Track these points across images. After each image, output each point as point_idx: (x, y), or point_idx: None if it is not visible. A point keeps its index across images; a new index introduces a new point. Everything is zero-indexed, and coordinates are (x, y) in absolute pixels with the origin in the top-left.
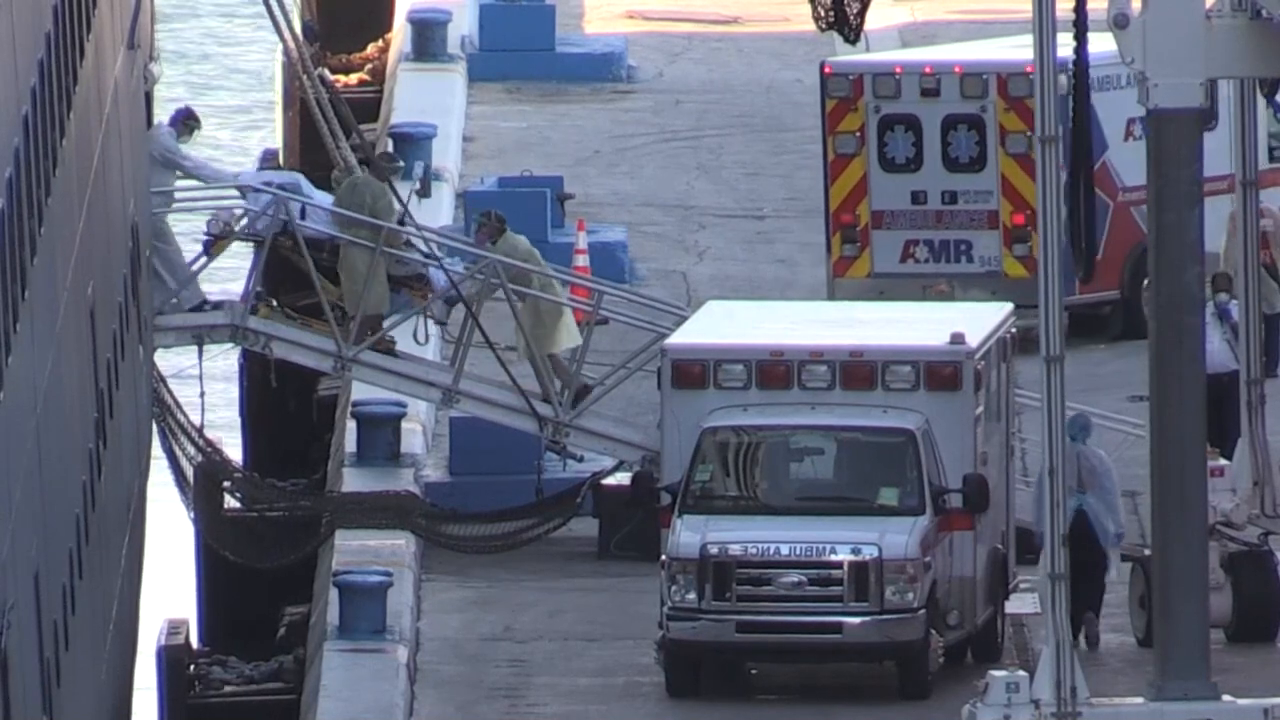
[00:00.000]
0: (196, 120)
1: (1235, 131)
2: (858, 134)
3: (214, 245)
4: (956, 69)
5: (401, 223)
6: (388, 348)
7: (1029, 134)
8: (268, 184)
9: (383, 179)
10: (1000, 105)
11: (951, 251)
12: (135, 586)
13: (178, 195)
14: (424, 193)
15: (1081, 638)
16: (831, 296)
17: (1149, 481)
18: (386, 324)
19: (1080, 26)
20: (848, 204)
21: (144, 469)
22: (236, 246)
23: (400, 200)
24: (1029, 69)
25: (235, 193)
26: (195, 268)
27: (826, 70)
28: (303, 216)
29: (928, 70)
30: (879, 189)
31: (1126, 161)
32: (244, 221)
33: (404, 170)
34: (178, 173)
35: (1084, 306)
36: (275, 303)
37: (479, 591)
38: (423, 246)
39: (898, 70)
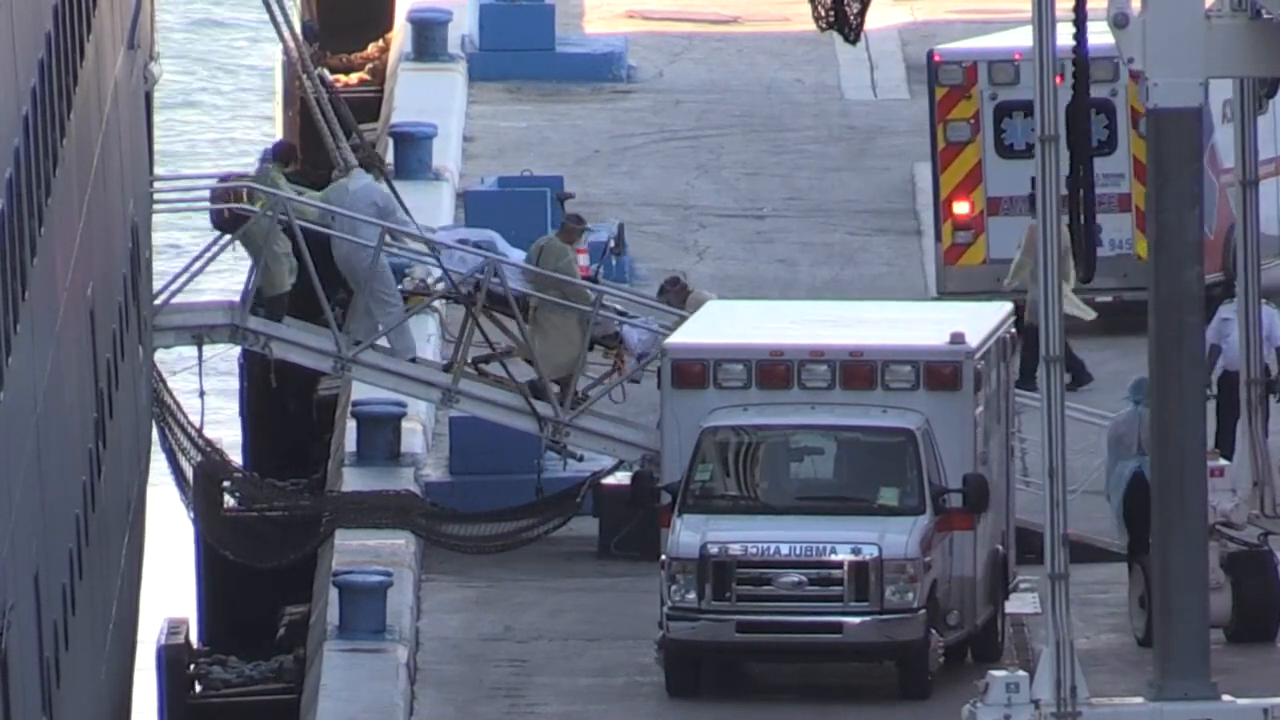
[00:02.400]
0: (381, 162)
1: (1235, 131)
2: (971, 121)
3: (406, 300)
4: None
5: (594, 282)
6: (577, 401)
7: None
8: (463, 241)
9: (570, 241)
10: (1133, 88)
11: None
12: (135, 586)
13: (177, 193)
14: (618, 251)
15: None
16: (942, 285)
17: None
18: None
19: (1080, 24)
20: (960, 191)
21: (144, 469)
22: (237, 249)
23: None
24: None
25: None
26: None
27: (936, 59)
28: (496, 274)
29: None
30: (994, 175)
31: (1226, 144)
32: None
33: (587, 226)
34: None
35: None
36: (468, 359)
37: (479, 591)
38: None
39: (1017, 57)
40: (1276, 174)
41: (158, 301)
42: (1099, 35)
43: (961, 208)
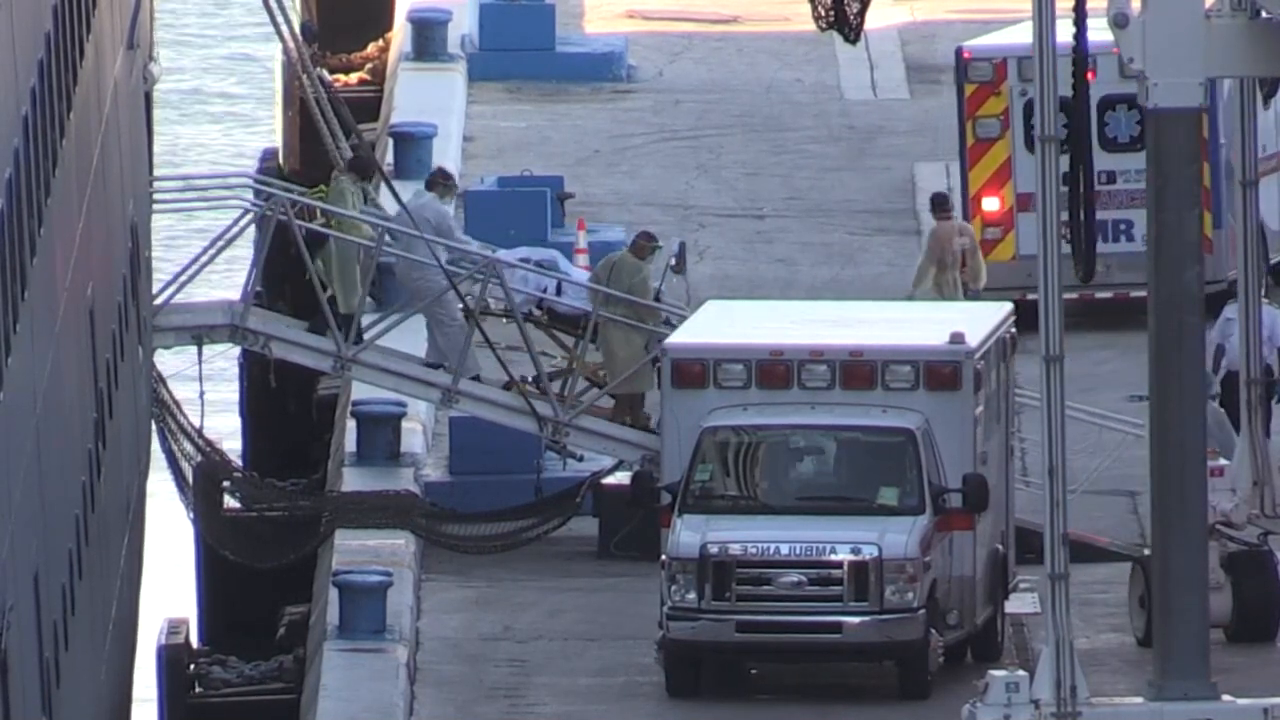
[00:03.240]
0: (452, 179)
1: (1235, 132)
2: (1001, 117)
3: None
4: (1114, 49)
5: (657, 299)
6: (645, 425)
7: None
8: (525, 260)
9: (642, 258)
10: None
11: (1110, 231)
12: (135, 586)
13: (174, 195)
14: (679, 269)
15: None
16: None
17: (1149, 481)
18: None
19: (1079, 24)
20: (989, 188)
21: (144, 469)
22: (239, 244)
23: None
24: None
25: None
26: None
27: (966, 55)
28: (559, 292)
29: None
30: (1024, 171)
31: None
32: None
33: (659, 247)
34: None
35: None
36: (527, 378)
37: (479, 591)
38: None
39: None
40: (1277, 170)
41: (158, 301)
42: None
43: (991, 204)
